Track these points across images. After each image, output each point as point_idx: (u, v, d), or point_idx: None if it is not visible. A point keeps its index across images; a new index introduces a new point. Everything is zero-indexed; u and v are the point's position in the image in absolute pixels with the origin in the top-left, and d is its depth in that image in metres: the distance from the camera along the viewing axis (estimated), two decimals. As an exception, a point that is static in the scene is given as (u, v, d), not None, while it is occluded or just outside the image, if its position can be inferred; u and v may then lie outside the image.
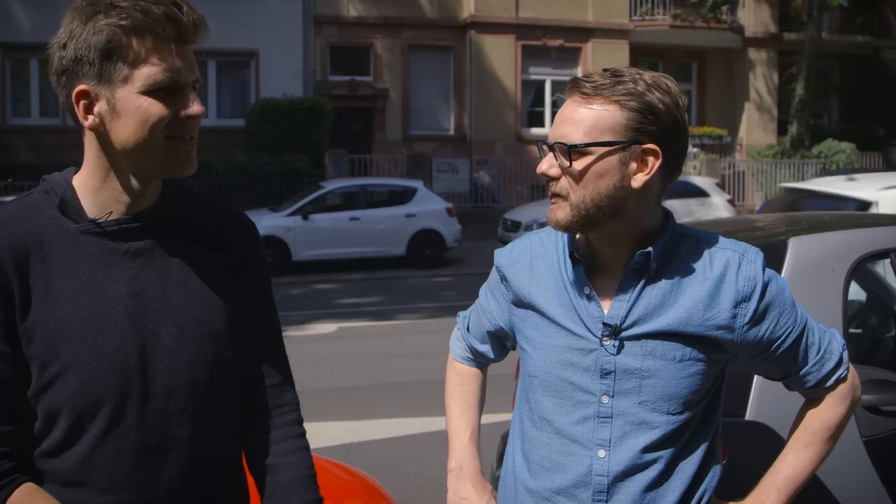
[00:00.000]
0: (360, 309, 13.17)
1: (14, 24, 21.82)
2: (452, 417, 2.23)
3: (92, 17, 1.63)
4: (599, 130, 1.77)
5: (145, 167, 1.71)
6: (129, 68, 1.63)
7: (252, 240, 1.97)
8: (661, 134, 1.78)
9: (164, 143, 1.68)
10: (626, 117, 1.76)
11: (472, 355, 2.29)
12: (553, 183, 1.84)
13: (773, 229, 4.20)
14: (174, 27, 1.65)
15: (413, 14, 24.62)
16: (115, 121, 1.66)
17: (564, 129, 1.81)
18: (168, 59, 1.65)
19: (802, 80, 25.52)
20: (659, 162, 1.79)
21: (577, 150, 1.78)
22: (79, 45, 1.63)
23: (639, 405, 1.84)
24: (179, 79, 1.67)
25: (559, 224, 1.85)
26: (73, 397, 1.66)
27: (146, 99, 1.65)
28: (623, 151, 1.78)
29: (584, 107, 1.79)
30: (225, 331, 1.82)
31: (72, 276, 1.69)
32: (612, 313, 1.85)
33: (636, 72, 1.81)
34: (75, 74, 1.66)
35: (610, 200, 1.79)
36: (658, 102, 1.77)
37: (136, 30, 1.62)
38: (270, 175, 19.91)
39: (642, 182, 1.79)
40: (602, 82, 1.79)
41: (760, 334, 1.87)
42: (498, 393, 2.36)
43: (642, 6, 25.60)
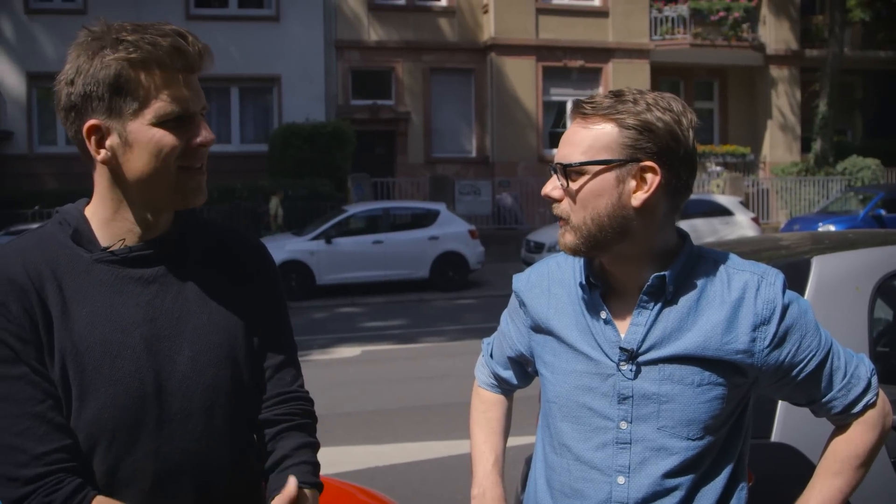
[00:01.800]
0: (384, 332, 13.16)
1: (40, 53, 22.13)
2: (476, 444, 2.21)
3: (98, 53, 1.65)
4: (596, 149, 1.77)
5: (157, 198, 1.74)
6: (138, 102, 1.66)
7: (264, 262, 1.98)
8: (658, 151, 1.76)
9: (177, 174, 1.70)
10: (622, 135, 1.76)
11: (496, 381, 2.27)
12: (556, 205, 1.84)
13: (798, 248, 4.17)
14: (181, 58, 1.68)
15: (434, 37, 24.74)
16: (127, 153, 1.69)
17: (565, 150, 1.81)
18: (176, 89, 1.68)
19: (825, 97, 25.41)
20: (658, 179, 1.76)
21: (574, 169, 1.78)
22: (87, 81, 1.65)
23: (658, 430, 1.81)
24: (189, 108, 1.70)
25: (567, 247, 1.84)
26: (90, 423, 1.67)
27: (157, 130, 1.67)
28: (619, 169, 1.76)
29: (584, 127, 1.80)
30: (240, 354, 1.83)
31: (87, 304, 1.70)
32: (629, 338, 1.83)
33: (638, 92, 1.81)
34: (84, 110, 1.68)
35: (611, 220, 1.77)
36: (656, 120, 1.75)
37: (145, 63, 1.65)
38: (293, 199, 19.99)
39: (642, 200, 1.77)
40: (602, 102, 1.79)
41: (781, 358, 1.83)
42: (522, 415, 2.35)
43: (663, 26, 25.59)
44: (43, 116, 22.88)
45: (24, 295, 1.66)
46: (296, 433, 1.90)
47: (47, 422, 1.63)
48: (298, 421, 1.91)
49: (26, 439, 1.61)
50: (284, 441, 1.88)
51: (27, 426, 1.62)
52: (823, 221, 18.90)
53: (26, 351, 1.65)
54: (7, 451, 1.62)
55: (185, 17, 22.36)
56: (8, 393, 1.63)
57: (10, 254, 1.71)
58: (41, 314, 1.67)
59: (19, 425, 1.62)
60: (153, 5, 22.04)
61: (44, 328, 1.66)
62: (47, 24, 22.18)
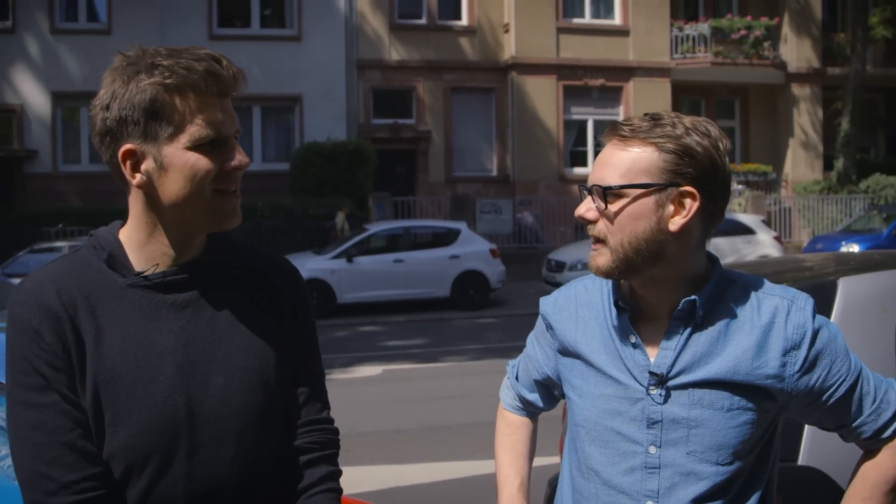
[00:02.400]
0: (405, 351, 13.15)
1: (64, 73, 22.40)
2: (502, 467, 2.20)
3: (134, 77, 1.66)
4: (635, 172, 1.76)
5: (192, 221, 1.74)
6: (174, 126, 1.66)
7: (297, 285, 1.97)
8: (698, 177, 1.76)
9: (211, 197, 1.71)
10: (662, 159, 1.75)
11: (521, 404, 2.26)
12: (591, 226, 1.83)
13: (822, 269, 4.14)
14: (216, 82, 1.68)
15: (455, 57, 24.82)
16: (162, 177, 1.69)
17: (602, 172, 1.80)
18: (211, 113, 1.69)
19: (847, 115, 25.30)
20: (697, 205, 1.76)
21: (613, 192, 1.77)
22: (122, 106, 1.66)
23: (687, 455, 1.80)
24: (223, 132, 1.70)
25: (600, 270, 1.83)
26: (122, 449, 1.67)
27: (193, 154, 1.67)
28: (659, 193, 1.76)
29: (622, 150, 1.79)
30: (272, 379, 1.83)
31: (120, 329, 1.71)
32: (659, 362, 1.82)
33: (675, 115, 1.81)
34: (120, 134, 1.68)
35: (648, 244, 1.77)
36: (696, 145, 1.76)
37: (180, 87, 1.66)
38: (314, 218, 20.06)
39: (680, 225, 1.77)
40: (640, 125, 1.78)
41: (812, 383, 1.82)
42: (542, 435, 2.34)
43: (683, 44, 25.57)
44: (67, 135, 23.12)
45: (58, 322, 1.66)
46: (324, 463, 1.91)
47: (77, 450, 1.64)
48: (326, 451, 1.93)
49: (56, 468, 1.62)
50: (312, 469, 1.90)
51: (57, 454, 1.63)
52: (846, 240, 18.78)
53: (58, 378, 1.65)
54: (37, 479, 1.63)
55: (208, 37, 22.55)
56: (39, 421, 1.64)
57: (43, 280, 1.72)
58: (74, 341, 1.67)
59: (49, 453, 1.62)
60: (177, 26, 22.27)
61: (76, 355, 1.67)
62: (72, 44, 22.44)
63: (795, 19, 26.50)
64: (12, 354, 1.67)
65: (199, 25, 22.87)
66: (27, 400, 1.65)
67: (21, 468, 1.65)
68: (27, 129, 22.56)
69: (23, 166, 22.51)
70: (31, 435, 1.63)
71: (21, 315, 1.67)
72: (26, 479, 1.64)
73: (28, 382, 1.65)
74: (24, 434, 1.64)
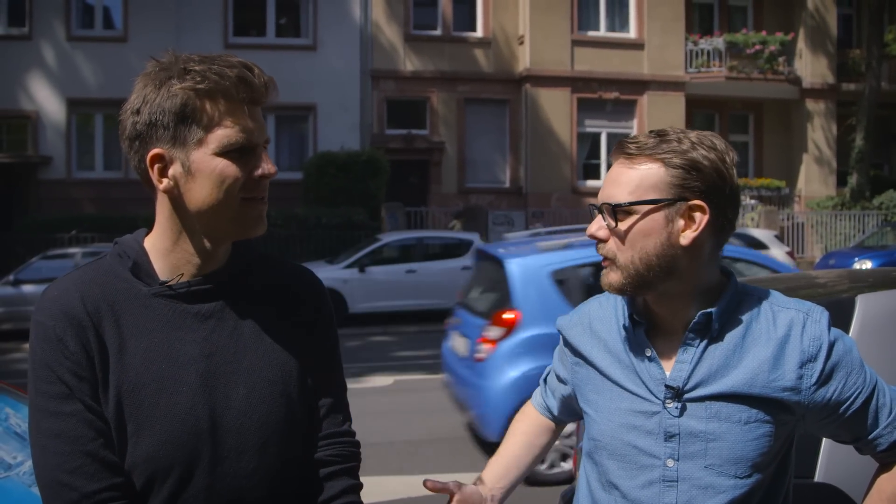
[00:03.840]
0: (417, 362, 13.12)
1: (80, 80, 22.52)
2: (500, 449, 2.26)
3: (166, 83, 1.66)
4: (643, 189, 1.78)
5: (218, 228, 1.74)
6: (203, 131, 1.66)
7: (320, 299, 1.97)
8: (706, 190, 1.78)
9: (239, 204, 1.71)
10: (669, 175, 1.77)
11: (545, 403, 2.29)
12: (601, 245, 1.84)
13: (836, 286, 4.13)
14: (247, 90, 1.69)
15: (469, 68, 24.86)
16: (190, 183, 1.69)
17: (610, 190, 1.82)
18: (241, 120, 1.69)
19: (861, 131, 25.24)
20: (706, 218, 1.78)
21: (622, 209, 1.79)
22: (153, 110, 1.66)
23: (705, 469, 1.81)
24: (252, 139, 1.71)
25: (612, 287, 1.85)
26: (145, 460, 1.67)
27: (221, 160, 1.68)
28: (668, 209, 1.78)
29: (629, 167, 1.81)
30: (294, 391, 1.82)
31: (144, 339, 1.70)
32: (675, 375, 1.83)
33: (681, 131, 1.83)
34: (149, 138, 1.68)
35: (660, 259, 1.78)
36: (702, 159, 1.77)
37: (210, 93, 1.66)
38: (327, 227, 20.09)
39: (691, 239, 1.78)
40: (646, 142, 1.80)
41: (828, 395, 1.82)
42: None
43: (698, 58, 25.57)
44: (81, 142, 23.23)
45: (82, 330, 1.66)
46: (344, 476, 1.91)
47: (99, 460, 1.64)
48: (347, 464, 1.93)
49: (77, 477, 1.62)
50: (333, 482, 1.89)
51: (79, 464, 1.62)
52: (859, 256, 18.70)
53: (81, 388, 1.65)
54: (58, 489, 1.62)
55: (223, 46, 22.66)
56: (61, 430, 1.63)
57: (69, 287, 1.71)
58: (98, 350, 1.67)
59: (71, 463, 1.62)
60: (192, 33, 22.37)
61: (100, 364, 1.67)
62: (88, 51, 22.58)
63: (810, 35, 26.48)
64: (36, 362, 1.67)
65: (214, 33, 22.99)
66: (50, 408, 1.64)
67: (42, 477, 1.65)
68: (42, 136, 22.67)
69: (37, 172, 22.61)
70: (54, 444, 1.63)
71: (45, 323, 1.67)
72: (48, 488, 1.64)
73: (51, 391, 1.65)
74: (45, 443, 1.64)
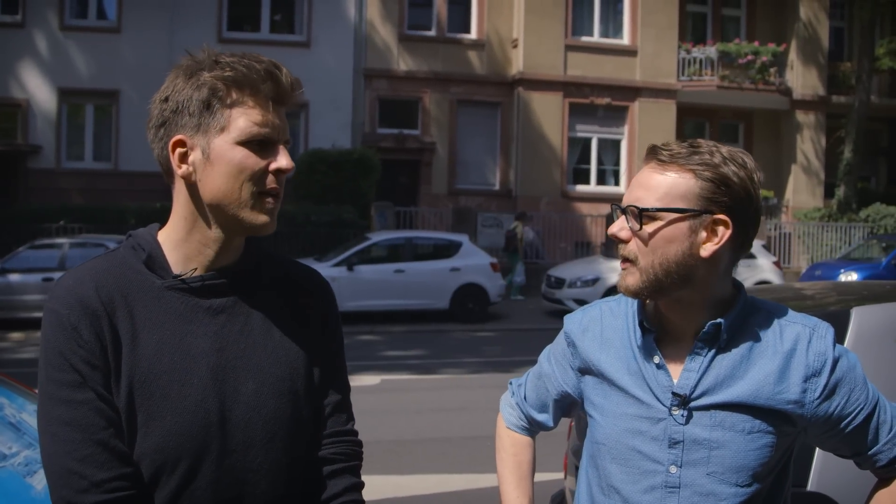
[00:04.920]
0: (404, 362, 13.14)
1: (72, 69, 22.42)
2: (509, 488, 2.21)
3: (196, 73, 1.70)
4: (672, 197, 1.80)
5: (230, 220, 1.75)
6: (226, 118, 1.69)
7: (328, 297, 2.00)
8: (732, 206, 1.81)
9: (251, 197, 1.72)
10: (699, 186, 1.79)
11: (527, 424, 2.27)
12: (622, 246, 1.86)
13: (824, 298, 4.16)
14: (273, 85, 1.71)
15: (462, 70, 24.87)
16: (207, 169, 1.71)
17: (638, 193, 1.84)
18: (264, 113, 1.71)
19: (850, 143, 25.35)
20: (729, 233, 1.81)
21: (649, 214, 1.81)
22: (180, 98, 1.70)
23: (707, 476, 1.83)
24: (273, 135, 1.73)
25: (629, 290, 1.86)
26: (155, 450, 1.68)
27: (240, 150, 1.70)
28: (694, 219, 1.80)
29: (660, 173, 1.83)
30: (301, 388, 1.84)
31: (156, 331, 1.72)
32: (682, 383, 1.85)
33: (713, 144, 1.85)
34: (174, 125, 1.72)
35: (678, 267, 1.81)
36: (733, 175, 1.80)
37: (238, 83, 1.69)
38: (317, 225, 20.05)
39: (711, 251, 1.81)
40: (679, 151, 1.82)
41: (830, 410, 1.85)
42: (546, 452, 2.35)
43: (690, 67, 25.64)
44: (71, 132, 23.12)
45: (96, 319, 1.67)
46: (347, 474, 1.94)
47: (109, 449, 1.64)
48: (350, 463, 1.95)
49: (88, 465, 1.62)
50: (336, 480, 1.92)
51: (89, 452, 1.63)
52: (845, 268, 18.81)
53: (94, 376, 1.66)
54: (68, 476, 1.63)
55: (217, 40, 22.61)
56: (73, 418, 1.64)
57: (84, 277, 1.73)
58: (111, 339, 1.68)
59: (82, 451, 1.63)
60: (186, 27, 22.31)
61: (113, 354, 1.68)
62: (80, 41, 22.47)
63: (802, 47, 26.59)
64: (48, 350, 1.68)
65: (208, 28, 22.93)
66: (61, 396, 1.65)
67: (52, 464, 1.65)
68: (32, 125, 22.55)
69: (26, 161, 22.49)
70: (64, 431, 1.64)
71: (59, 311, 1.68)
72: (56, 475, 1.64)
73: (63, 378, 1.66)
74: (56, 430, 1.65)
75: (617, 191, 25.13)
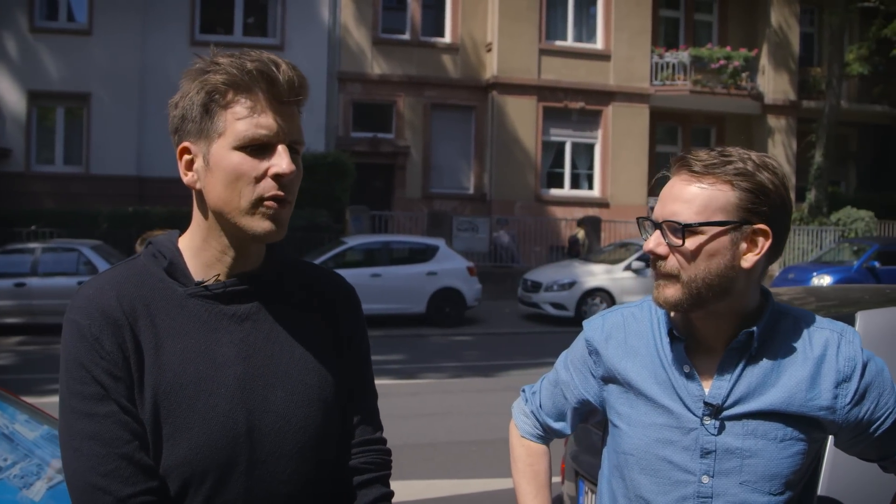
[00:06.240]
0: (383, 367, 13.05)
1: (42, 72, 22.15)
2: (527, 499, 2.18)
3: (200, 76, 1.66)
4: (711, 210, 1.77)
5: (233, 228, 1.69)
6: (224, 123, 1.64)
7: (354, 304, 1.95)
8: (771, 214, 1.79)
9: (251, 204, 1.65)
10: (737, 197, 1.77)
11: (542, 432, 2.24)
12: (661, 262, 1.83)
13: (803, 304, 4.16)
14: (268, 85, 1.64)
15: (436, 73, 24.87)
16: (209, 177, 1.66)
17: (674, 206, 1.80)
18: (261, 116, 1.64)
19: (821, 148, 25.61)
20: (769, 243, 1.79)
21: (691, 228, 1.77)
22: (185, 104, 1.66)
23: (740, 485, 1.82)
24: (272, 137, 1.65)
25: (668, 303, 1.84)
26: (182, 463, 1.63)
27: (236, 155, 1.64)
28: (735, 232, 1.78)
29: (695, 185, 1.80)
30: (330, 396, 1.79)
31: (181, 340, 1.67)
32: (714, 392, 1.84)
33: (743, 152, 1.83)
34: (183, 132, 1.68)
35: (721, 280, 1.78)
36: (769, 183, 1.79)
37: (231, 85, 1.63)
38: (291, 229, 19.83)
39: (752, 262, 1.79)
40: (711, 161, 1.79)
41: (861, 415, 1.85)
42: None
43: (663, 71, 25.80)
44: (41, 135, 22.82)
45: (118, 330, 1.62)
46: (377, 484, 1.89)
47: (134, 463, 1.59)
48: (380, 473, 1.91)
49: (112, 480, 1.57)
50: (367, 490, 1.88)
51: (114, 467, 1.58)
52: (818, 271, 18.94)
53: (117, 388, 1.61)
54: (92, 492, 1.58)
55: (189, 43, 22.47)
56: (96, 431, 1.59)
57: (104, 286, 1.68)
58: (134, 350, 1.63)
59: (106, 465, 1.58)
60: (159, 30, 22.18)
61: (136, 365, 1.63)
62: (51, 44, 22.18)
63: (773, 52, 26.85)
64: (70, 362, 1.63)
65: (180, 30, 22.77)
66: (84, 409, 1.60)
67: (74, 480, 1.60)
68: (1, 128, 22.24)
69: (-4, 165, 22.23)
70: (88, 446, 1.59)
71: (80, 322, 1.63)
72: (80, 491, 1.59)
73: (85, 391, 1.60)
74: (79, 444, 1.60)
75: (590, 195, 25.24)
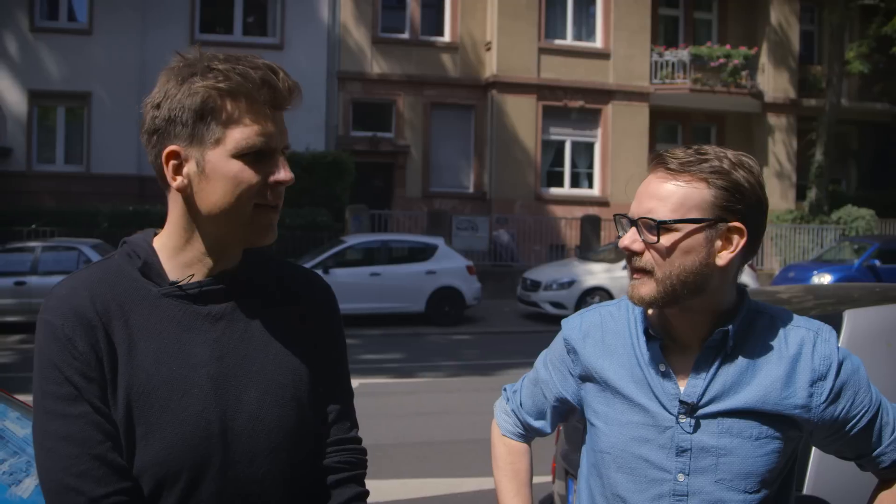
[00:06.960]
0: (381, 365, 13.08)
1: (43, 71, 22.17)
2: (507, 497, 2.19)
3: (188, 79, 1.63)
4: (687, 208, 1.78)
5: (228, 233, 1.70)
6: (221, 130, 1.63)
7: (330, 303, 1.95)
8: (746, 213, 1.80)
9: (250, 210, 1.67)
10: (713, 195, 1.78)
11: (523, 431, 2.24)
12: (636, 258, 1.83)
13: (801, 303, 4.16)
14: (270, 92, 1.65)
15: (436, 73, 24.86)
16: (203, 183, 1.65)
17: (650, 204, 1.81)
18: (261, 123, 1.65)
19: (821, 146, 25.60)
20: (744, 241, 1.80)
21: (666, 226, 1.78)
22: (173, 106, 1.63)
23: (715, 483, 1.82)
24: (271, 144, 1.67)
25: (643, 300, 1.84)
26: (155, 463, 1.62)
27: (237, 163, 1.64)
28: (710, 229, 1.78)
29: (671, 183, 1.80)
30: (305, 396, 1.79)
31: (154, 340, 1.66)
32: (689, 391, 1.84)
33: (720, 150, 1.83)
34: (167, 134, 1.65)
35: (695, 277, 1.79)
36: (744, 181, 1.79)
37: (232, 93, 1.63)
38: (291, 228, 19.96)
39: (727, 260, 1.80)
40: (688, 159, 1.80)
41: (836, 414, 1.85)
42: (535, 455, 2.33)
43: (663, 70, 25.77)
44: (42, 134, 22.84)
45: (91, 330, 1.62)
46: (352, 483, 1.89)
47: (107, 464, 1.59)
48: (355, 472, 1.90)
49: (85, 481, 1.57)
50: (341, 489, 1.87)
51: (87, 467, 1.58)
52: (818, 270, 18.94)
53: (90, 389, 1.60)
54: (65, 493, 1.57)
55: (189, 42, 22.44)
56: (69, 432, 1.59)
57: (77, 286, 1.67)
58: (107, 350, 1.63)
59: (78, 466, 1.57)
60: (158, 29, 22.17)
61: (109, 365, 1.62)
62: (51, 43, 22.19)
63: (773, 50, 26.83)
64: (42, 362, 1.62)
65: (180, 30, 22.77)
66: (57, 410, 1.60)
67: (48, 480, 1.60)
68: (2, 127, 22.24)
69: (-4, 164, 22.25)
70: (60, 446, 1.58)
71: (53, 322, 1.62)
72: (53, 492, 1.59)
73: (58, 392, 1.60)
74: (52, 445, 1.59)
75: (590, 194, 25.22)
